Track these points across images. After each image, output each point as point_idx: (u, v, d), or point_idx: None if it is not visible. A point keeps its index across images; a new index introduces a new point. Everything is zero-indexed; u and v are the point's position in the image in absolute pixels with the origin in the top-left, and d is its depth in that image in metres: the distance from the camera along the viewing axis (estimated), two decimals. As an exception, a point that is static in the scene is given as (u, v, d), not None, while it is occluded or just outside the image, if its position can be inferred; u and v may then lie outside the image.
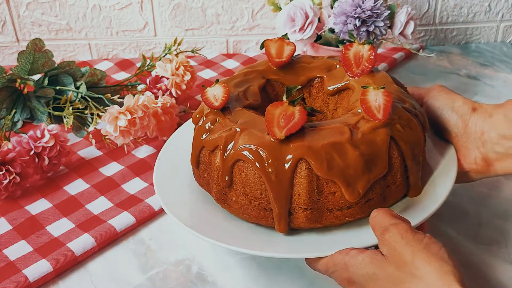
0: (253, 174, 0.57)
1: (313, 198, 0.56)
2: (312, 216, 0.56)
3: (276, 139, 0.55)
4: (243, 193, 0.58)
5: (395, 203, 0.60)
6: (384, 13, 0.82)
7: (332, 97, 0.69)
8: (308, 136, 0.56)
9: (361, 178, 0.55)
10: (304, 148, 0.55)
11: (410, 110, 0.61)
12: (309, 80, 0.70)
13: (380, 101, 0.57)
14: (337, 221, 0.57)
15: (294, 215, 0.57)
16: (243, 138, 0.57)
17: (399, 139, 0.57)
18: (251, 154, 0.56)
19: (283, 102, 0.56)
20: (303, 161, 0.55)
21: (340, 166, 0.54)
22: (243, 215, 0.59)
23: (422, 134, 0.62)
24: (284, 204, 0.56)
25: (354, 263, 0.51)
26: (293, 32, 0.87)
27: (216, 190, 0.61)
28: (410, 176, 0.60)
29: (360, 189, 0.55)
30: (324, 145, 0.55)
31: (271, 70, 0.70)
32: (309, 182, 0.55)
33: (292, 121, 0.55)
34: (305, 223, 0.57)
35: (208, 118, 0.62)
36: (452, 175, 0.62)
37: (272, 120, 0.55)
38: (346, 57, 0.65)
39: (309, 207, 0.56)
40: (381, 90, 0.57)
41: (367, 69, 0.65)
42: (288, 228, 0.57)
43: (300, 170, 0.55)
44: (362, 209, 0.57)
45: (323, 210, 0.57)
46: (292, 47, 0.70)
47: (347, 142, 0.55)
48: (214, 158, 0.60)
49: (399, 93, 0.62)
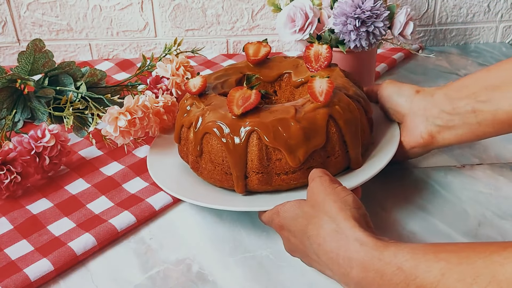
0: (216, 144, 0.69)
1: (263, 163, 0.67)
2: (263, 179, 0.68)
3: (235, 115, 0.68)
4: (209, 160, 0.71)
5: (339, 173, 0.71)
6: (384, 14, 0.82)
7: (297, 89, 0.82)
8: (261, 113, 0.68)
9: (301, 147, 0.66)
10: (256, 122, 0.67)
11: (352, 97, 0.72)
12: (280, 75, 0.83)
13: (324, 87, 0.68)
14: (285, 183, 0.68)
15: (249, 178, 0.69)
16: (209, 115, 0.70)
17: (338, 117, 0.68)
18: (215, 128, 0.68)
19: (243, 87, 0.69)
20: (255, 133, 0.67)
21: (284, 137, 0.66)
22: (211, 179, 0.72)
23: (365, 116, 0.73)
24: (240, 168, 0.68)
25: (283, 209, 0.62)
26: (293, 33, 0.87)
27: (191, 160, 0.74)
28: (350, 151, 0.70)
29: (300, 156, 0.66)
30: (272, 120, 0.67)
31: (248, 67, 0.84)
32: (259, 150, 0.67)
33: (248, 101, 0.68)
34: (258, 185, 0.69)
35: (187, 102, 0.76)
36: (392, 150, 0.73)
37: (232, 100, 0.68)
38: (307, 55, 0.77)
39: (260, 171, 0.68)
40: (326, 78, 0.68)
41: (323, 64, 0.76)
42: (245, 189, 0.69)
43: (252, 140, 0.67)
44: (305, 174, 0.68)
45: (272, 174, 0.68)
46: (267, 49, 0.83)
47: (291, 118, 0.67)
48: (189, 133, 0.73)
49: (345, 84, 0.74)
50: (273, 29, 1.15)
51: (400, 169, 0.80)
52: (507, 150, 0.85)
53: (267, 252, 0.67)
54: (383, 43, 0.94)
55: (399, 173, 0.80)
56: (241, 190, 0.69)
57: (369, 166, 0.72)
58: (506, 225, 0.70)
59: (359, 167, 0.72)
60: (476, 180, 0.78)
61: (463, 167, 0.81)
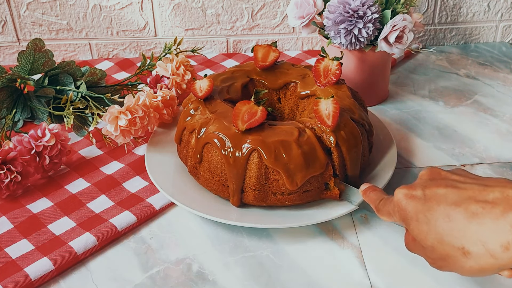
0: (217, 156, 0.69)
1: (261, 182, 0.68)
2: (259, 196, 0.69)
3: (238, 130, 0.68)
4: (208, 169, 0.71)
5: None
6: (370, 16, 0.83)
7: (302, 101, 0.81)
8: (265, 132, 0.68)
9: (300, 171, 0.67)
10: (258, 141, 0.67)
11: (357, 121, 0.72)
12: (286, 83, 0.83)
13: (330, 109, 0.68)
14: (279, 203, 0.69)
15: (245, 193, 0.69)
16: (213, 125, 0.70)
17: (342, 143, 0.69)
18: (217, 140, 0.68)
19: (250, 101, 0.69)
20: (256, 151, 0.67)
21: (284, 159, 0.66)
22: (207, 187, 0.72)
23: (367, 140, 0.74)
24: (238, 183, 0.68)
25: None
26: (296, 18, 0.91)
27: (190, 164, 0.74)
28: (349, 173, 0.71)
29: (298, 180, 0.67)
30: (274, 141, 0.67)
31: (255, 71, 0.83)
32: (258, 168, 0.67)
33: (254, 117, 0.68)
34: (253, 201, 0.69)
35: (192, 105, 0.76)
36: (387, 176, 0.74)
37: (238, 114, 0.68)
38: (316, 69, 0.77)
39: (257, 189, 0.68)
40: (331, 99, 0.68)
41: (332, 81, 0.76)
42: (240, 203, 0.70)
43: (253, 158, 0.67)
44: (300, 197, 0.69)
45: (268, 193, 0.69)
46: (276, 54, 0.83)
47: (294, 141, 0.67)
48: (191, 138, 0.73)
49: (351, 106, 0.74)
50: (273, 28, 1.15)
51: (400, 168, 0.81)
52: (507, 150, 0.85)
53: (267, 252, 0.67)
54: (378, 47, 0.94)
55: (400, 173, 0.80)
56: (236, 203, 0.70)
57: None
58: (506, 225, 0.70)
59: None
60: (476, 179, 0.78)
61: (463, 167, 0.81)
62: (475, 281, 0.63)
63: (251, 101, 0.69)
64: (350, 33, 0.84)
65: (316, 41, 1.18)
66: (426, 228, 0.51)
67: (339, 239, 0.69)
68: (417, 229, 0.52)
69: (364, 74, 0.92)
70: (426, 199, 0.52)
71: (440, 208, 0.50)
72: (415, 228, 0.52)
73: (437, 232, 0.50)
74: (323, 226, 0.71)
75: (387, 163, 0.77)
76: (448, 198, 0.50)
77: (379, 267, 0.65)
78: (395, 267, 0.65)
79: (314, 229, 0.70)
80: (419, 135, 0.89)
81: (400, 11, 0.86)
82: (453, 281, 0.62)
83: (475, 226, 0.48)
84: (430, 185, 0.52)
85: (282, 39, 1.17)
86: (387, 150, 0.79)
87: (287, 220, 0.68)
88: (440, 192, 0.51)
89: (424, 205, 0.51)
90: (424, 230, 0.51)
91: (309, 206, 0.71)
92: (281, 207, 0.70)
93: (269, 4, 1.12)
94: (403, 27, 0.85)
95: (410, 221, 0.53)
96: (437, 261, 0.52)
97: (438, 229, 0.50)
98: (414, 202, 0.52)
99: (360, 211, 0.72)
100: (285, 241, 0.69)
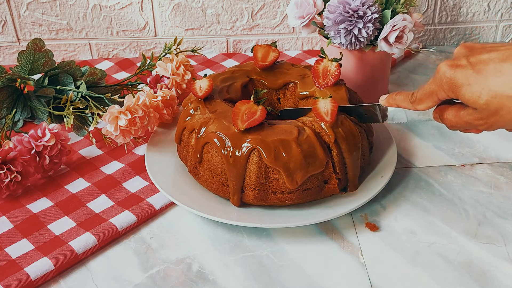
0: (216, 155, 0.69)
1: (261, 181, 0.68)
2: (259, 195, 0.69)
3: (238, 129, 0.68)
4: (208, 169, 0.71)
5: (333, 194, 0.71)
6: (370, 16, 0.83)
7: (301, 101, 0.81)
8: (264, 131, 0.68)
9: (300, 170, 0.67)
10: (258, 140, 0.67)
11: (355, 121, 0.73)
12: (285, 83, 0.83)
13: (328, 107, 0.69)
14: (279, 202, 0.69)
15: (245, 193, 0.69)
16: (213, 125, 0.70)
17: (341, 141, 0.69)
18: (217, 139, 0.69)
19: (250, 101, 0.69)
20: (256, 151, 0.67)
21: (284, 158, 0.66)
22: (207, 186, 0.72)
23: (366, 140, 0.74)
24: (238, 182, 0.68)
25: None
26: (296, 18, 0.91)
27: (190, 164, 0.74)
28: (349, 173, 0.71)
29: (298, 179, 0.67)
30: (274, 140, 0.67)
31: (255, 71, 0.84)
32: (258, 168, 0.67)
33: (253, 117, 0.68)
34: (254, 200, 0.69)
35: (192, 105, 0.76)
36: (387, 176, 0.74)
37: (237, 114, 0.68)
38: (316, 69, 0.76)
39: (257, 188, 0.68)
40: (329, 99, 0.69)
41: (330, 82, 0.76)
42: (240, 202, 0.70)
43: (253, 157, 0.67)
44: (300, 195, 0.69)
45: (268, 192, 0.69)
46: (276, 54, 0.83)
47: (293, 140, 0.67)
48: (191, 138, 0.73)
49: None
50: (273, 28, 1.15)
51: (400, 168, 0.81)
52: (507, 149, 0.85)
53: (267, 251, 0.67)
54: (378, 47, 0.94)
55: (400, 173, 0.80)
56: (236, 203, 0.70)
57: (365, 189, 0.73)
58: (506, 225, 0.70)
59: (355, 189, 0.73)
60: (476, 179, 0.78)
61: (463, 167, 0.81)
62: (475, 281, 0.63)
63: (251, 100, 0.69)
64: (350, 33, 0.84)
65: (316, 41, 1.18)
66: (479, 88, 0.55)
67: (339, 239, 0.69)
68: (470, 92, 0.55)
69: (364, 74, 0.92)
70: (472, 65, 0.56)
71: (489, 67, 0.55)
72: (466, 92, 0.56)
73: (491, 88, 0.54)
74: (323, 226, 0.71)
75: (387, 163, 0.77)
76: (494, 58, 0.55)
77: (379, 267, 0.65)
78: (395, 267, 0.65)
79: (314, 229, 0.70)
80: (419, 135, 0.89)
81: (400, 11, 0.86)
82: (453, 281, 0.62)
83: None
84: (471, 54, 0.57)
85: (282, 39, 1.17)
86: (387, 150, 0.80)
87: (287, 219, 0.68)
88: (483, 57, 0.55)
89: (473, 69, 0.55)
90: (477, 91, 0.55)
91: (309, 205, 0.71)
92: (281, 207, 0.71)
93: (269, 4, 1.12)
94: (403, 27, 0.85)
95: (460, 87, 0.56)
96: (490, 117, 0.56)
97: (491, 86, 0.54)
98: (461, 69, 0.56)
99: (360, 211, 0.72)
100: (285, 241, 0.69)
